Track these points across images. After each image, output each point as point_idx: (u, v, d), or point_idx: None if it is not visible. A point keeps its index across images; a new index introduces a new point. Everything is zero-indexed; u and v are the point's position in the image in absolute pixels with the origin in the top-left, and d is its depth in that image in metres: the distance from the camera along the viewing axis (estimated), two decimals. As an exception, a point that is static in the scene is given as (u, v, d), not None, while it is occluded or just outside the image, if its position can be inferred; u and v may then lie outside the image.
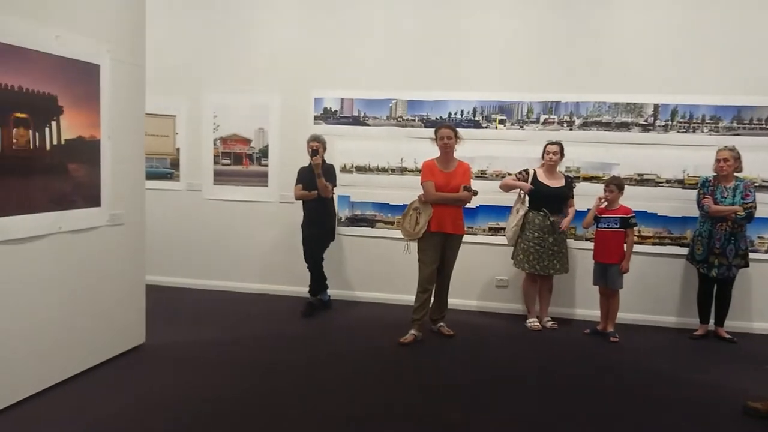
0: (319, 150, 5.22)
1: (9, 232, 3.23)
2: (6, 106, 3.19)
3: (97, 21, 3.83)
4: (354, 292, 6.03)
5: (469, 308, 5.79)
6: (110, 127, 3.95)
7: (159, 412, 3.38)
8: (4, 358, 3.26)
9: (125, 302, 4.25)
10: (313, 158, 5.19)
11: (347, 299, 5.94)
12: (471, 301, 5.82)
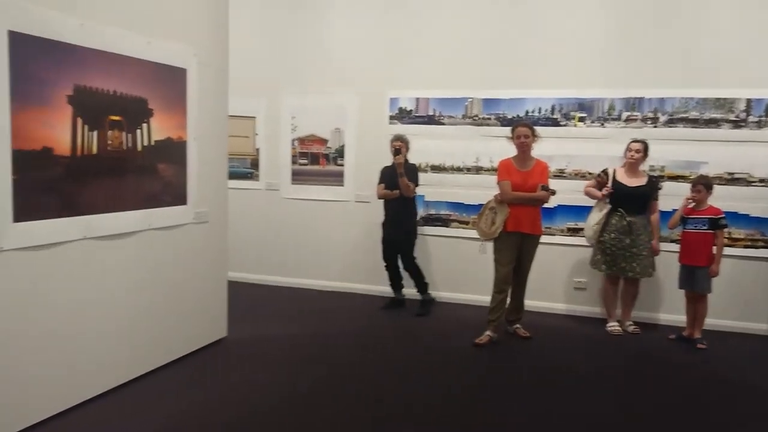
0: (402, 149, 5.25)
1: (105, 228, 3.42)
2: (102, 109, 3.38)
3: (184, 27, 4.00)
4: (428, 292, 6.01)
5: (547, 310, 5.66)
6: (196, 128, 4.12)
7: (238, 404, 3.49)
8: (96, 348, 3.45)
9: (209, 297, 4.41)
10: (395, 157, 5.24)
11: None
12: (548, 303, 5.69)
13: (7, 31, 2.80)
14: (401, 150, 5.26)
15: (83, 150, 3.26)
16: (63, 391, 3.25)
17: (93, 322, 3.41)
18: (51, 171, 3.09)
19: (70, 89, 3.16)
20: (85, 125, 3.26)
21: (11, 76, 2.83)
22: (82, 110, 3.23)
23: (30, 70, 2.94)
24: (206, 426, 3.21)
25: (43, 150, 3.03)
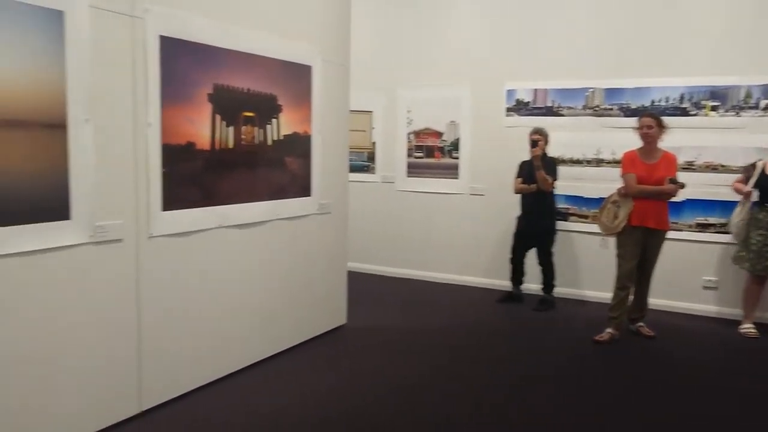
0: (540, 142, 5.17)
1: (238, 217, 3.66)
2: (237, 106, 3.61)
3: (310, 26, 4.17)
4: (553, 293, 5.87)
5: (672, 309, 5.38)
6: (320, 123, 4.29)
7: (356, 388, 3.62)
8: (229, 329, 3.70)
9: (330, 285, 4.60)
10: (532, 150, 5.17)
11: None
12: (674, 302, 5.41)
13: (159, 36, 3.07)
14: (538, 143, 5.17)
15: (220, 144, 3.51)
16: (201, 367, 3.52)
17: (226, 305, 3.66)
18: (193, 164, 3.35)
19: (210, 88, 3.40)
20: (223, 121, 3.51)
21: (162, 77, 3.10)
22: (220, 107, 3.47)
23: (177, 71, 3.19)
24: (326, 408, 3.37)
25: (187, 144, 3.29)
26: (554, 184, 5.28)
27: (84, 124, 2.74)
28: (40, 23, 2.53)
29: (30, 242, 2.57)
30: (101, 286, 2.91)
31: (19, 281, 2.56)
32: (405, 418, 3.27)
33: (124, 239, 2.99)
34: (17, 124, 2.47)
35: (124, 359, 3.06)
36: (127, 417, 3.09)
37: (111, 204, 2.92)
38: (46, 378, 2.70)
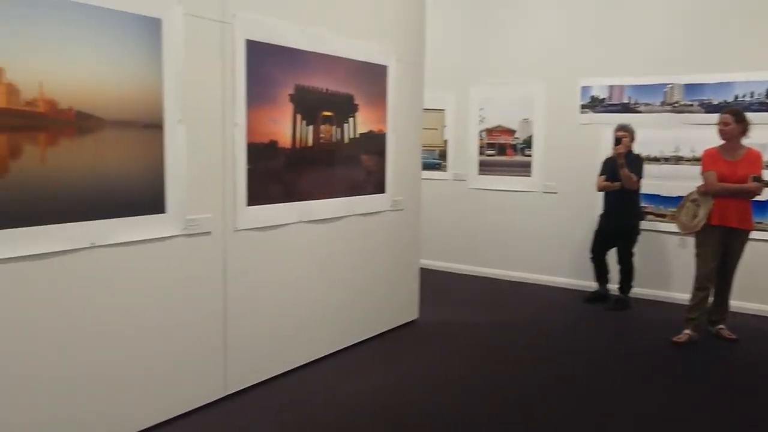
0: (624, 139, 5.07)
1: (316, 213, 3.81)
2: (317, 105, 3.76)
3: (385, 27, 4.28)
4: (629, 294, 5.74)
5: (756, 312, 5.19)
6: (394, 121, 4.39)
7: (427, 383, 3.70)
8: (305, 320, 3.86)
9: (403, 280, 4.69)
10: (615, 147, 5.08)
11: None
12: (758, 304, 5.22)
13: (245, 40, 3.24)
14: (622, 140, 5.06)
15: (301, 142, 3.66)
16: (281, 354, 3.69)
17: (305, 296, 3.81)
18: (275, 161, 3.52)
19: (291, 88, 3.56)
20: (303, 120, 3.66)
21: (247, 79, 3.28)
22: (300, 107, 3.63)
23: (261, 73, 3.36)
24: (396, 399, 3.47)
25: (270, 143, 3.46)
26: (639, 183, 5.17)
27: (178, 125, 2.94)
28: (140, 31, 2.74)
29: (133, 233, 2.79)
30: (192, 275, 3.11)
31: (121, 268, 2.78)
32: (471, 413, 3.33)
33: (212, 232, 3.18)
34: (123, 125, 2.70)
35: (212, 344, 3.25)
36: (213, 400, 3.29)
37: (201, 199, 3.11)
38: (140, 358, 2.91)
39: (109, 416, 2.79)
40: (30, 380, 2.50)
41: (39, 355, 2.52)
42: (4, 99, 2.32)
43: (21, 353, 2.46)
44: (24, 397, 2.49)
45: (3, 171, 2.34)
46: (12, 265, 2.39)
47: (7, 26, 2.30)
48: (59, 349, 2.58)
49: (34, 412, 2.52)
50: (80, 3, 2.51)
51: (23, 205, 2.40)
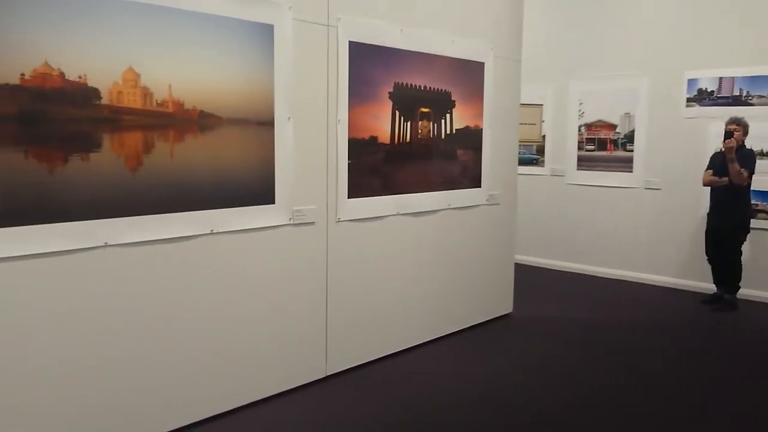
0: (735, 132, 4.86)
1: (413, 206, 3.95)
2: (415, 102, 3.90)
3: (483, 24, 4.35)
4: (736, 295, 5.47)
5: None
6: (491, 117, 4.46)
7: (519, 375, 3.75)
8: (400, 308, 4.01)
9: (497, 274, 4.75)
10: (725, 141, 4.88)
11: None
12: None
13: (348, 41, 3.43)
14: (734, 133, 4.85)
15: (399, 138, 3.82)
16: (378, 340, 3.87)
17: (401, 286, 3.97)
18: (375, 156, 3.69)
19: (391, 86, 3.72)
20: (401, 117, 3.81)
21: (350, 78, 3.47)
22: (399, 104, 3.78)
23: (363, 72, 3.55)
24: (494, 388, 3.55)
25: (370, 139, 3.64)
26: (749, 178, 4.93)
27: (287, 122, 3.17)
28: (255, 37, 2.99)
29: (246, 221, 3.06)
30: (297, 262, 3.34)
31: (236, 253, 3.05)
32: (564, 405, 3.36)
33: (316, 222, 3.41)
34: (238, 123, 2.96)
35: (314, 326, 3.48)
36: (314, 379, 3.51)
37: (306, 191, 3.34)
38: (250, 337, 3.18)
39: (221, 389, 3.08)
40: (150, 354, 2.81)
41: (154, 330, 2.83)
42: (139, 101, 2.62)
43: (144, 327, 2.78)
44: (147, 372, 2.80)
45: (138, 165, 2.64)
46: (145, 247, 2.70)
47: (142, 37, 2.60)
48: (178, 325, 2.88)
49: (155, 385, 2.83)
50: (203, 13, 2.79)
51: (153, 195, 2.70)
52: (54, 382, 2.49)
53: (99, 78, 2.49)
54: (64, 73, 2.40)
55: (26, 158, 2.33)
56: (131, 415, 2.74)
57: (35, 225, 2.37)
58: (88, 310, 2.57)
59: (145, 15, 2.60)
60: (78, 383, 2.56)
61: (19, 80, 2.29)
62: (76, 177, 2.47)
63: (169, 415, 2.88)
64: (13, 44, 2.26)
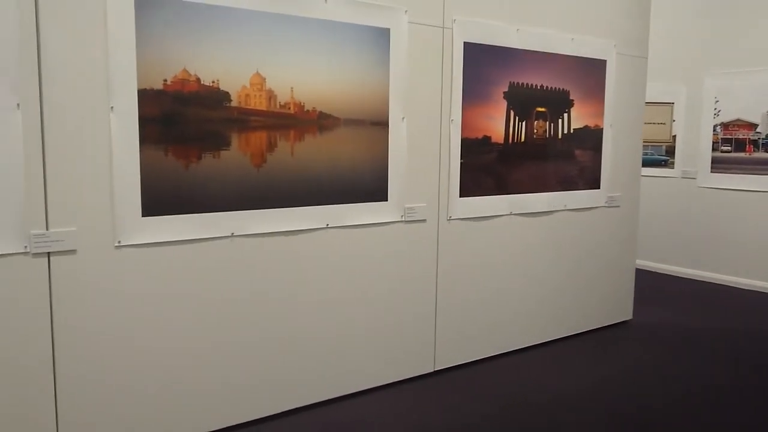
0: None
1: (527, 206, 3.92)
2: (530, 102, 3.86)
3: (606, 21, 4.22)
4: None
5: None
6: (612, 116, 4.31)
7: (630, 383, 3.60)
8: (511, 309, 3.99)
9: (615, 279, 4.58)
10: None
11: None
12: None
13: (463, 42, 3.48)
14: None
15: (514, 138, 3.80)
16: (487, 339, 3.88)
17: (512, 286, 3.95)
18: (488, 156, 3.71)
19: (506, 86, 3.72)
20: (516, 116, 3.80)
21: (464, 79, 3.51)
22: (514, 104, 3.77)
23: (477, 73, 3.58)
24: (608, 395, 3.44)
25: (482, 138, 3.67)
26: None
27: (401, 122, 3.28)
28: (371, 40, 3.12)
29: (360, 217, 3.20)
30: (408, 258, 3.44)
31: (350, 247, 3.21)
32: (676, 419, 3.19)
33: (427, 220, 3.48)
34: (354, 123, 3.11)
35: (423, 322, 3.56)
36: (421, 373, 3.59)
37: (418, 189, 3.43)
38: (360, 327, 3.32)
39: (331, 376, 3.24)
40: (266, 338, 3.02)
41: (274, 316, 3.03)
42: (265, 103, 2.83)
43: (264, 313, 2.99)
44: (263, 356, 3.01)
45: (262, 162, 2.86)
46: (266, 239, 2.92)
47: (268, 44, 2.81)
48: (293, 313, 3.08)
49: (271, 368, 3.04)
50: (324, 20, 2.96)
51: (275, 191, 2.91)
52: (181, 361, 2.76)
53: (230, 82, 2.73)
54: (200, 78, 2.66)
55: (166, 155, 2.61)
56: (249, 395, 2.97)
57: (171, 215, 2.64)
58: (216, 295, 2.82)
59: (271, 23, 2.81)
60: (203, 363, 2.82)
61: (162, 85, 2.57)
62: (208, 173, 2.72)
63: (282, 397, 3.09)
64: (158, 53, 2.54)
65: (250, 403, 2.98)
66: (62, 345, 2.45)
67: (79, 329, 2.49)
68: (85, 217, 2.46)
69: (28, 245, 2.34)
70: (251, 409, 2.99)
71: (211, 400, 2.86)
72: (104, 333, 2.55)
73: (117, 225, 2.52)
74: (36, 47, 2.31)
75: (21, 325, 2.37)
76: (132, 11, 2.47)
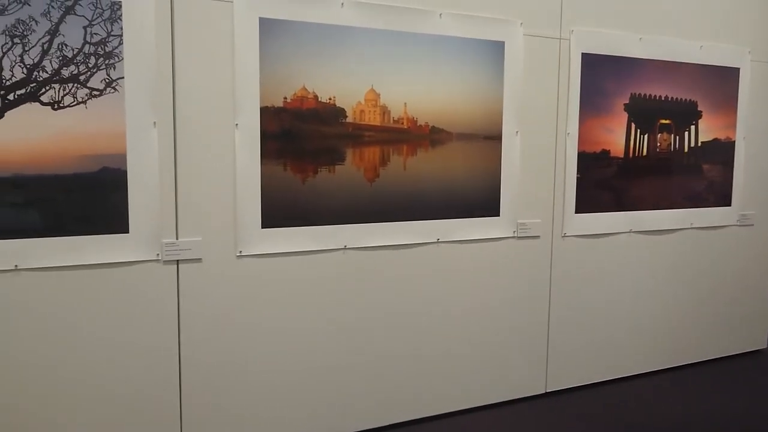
0: None
1: (648, 223, 3.72)
2: (653, 114, 3.67)
3: (739, 26, 3.93)
4: None
5: None
6: (746, 128, 4.00)
7: (761, 416, 3.30)
8: (627, 332, 3.79)
9: (747, 303, 4.22)
10: None
11: None
12: None
13: (581, 53, 3.37)
14: None
15: (635, 152, 3.62)
16: (602, 362, 3.70)
17: (629, 308, 3.75)
18: (606, 170, 3.55)
19: (626, 98, 3.56)
20: (638, 129, 3.62)
21: (581, 91, 3.40)
22: (635, 116, 3.60)
23: (596, 84, 3.45)
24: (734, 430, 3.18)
25: (601, 152, 3.52)
26: None
27: (514, 136, 3.22)
28: (485, 54, 3.10)
29: (471, 232, 3.17)
30: (520, 275, 3.36)
31: (460, 263, 3.18)
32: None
33: (540, 236, 3.39)
34: (466, 137, 3.09)
35: (536, 341, 3.46)
36: (532, 394, 3.49)
37: (531, 205, 3.34)
38: (469, 344, 3.27)
39: (439, 392, 3.22)
40: (375, 350, 3.05)
41: (383, 328, 3.05)
42: (379, 118, 2.89)
43: (373, 325, 3.02)
44: (374, 366, 3.04)
45: (375, 176, 2.91)
46: (378, 252, 2.96)
47: (383, 60, 2.86)
48: (402, 326, 3.09)
49: (379, 380, 3.06)
50: (437, 35, 2.97)
51: (387, 205, 2.95)
52: (292, 366, 2.86)
53: (345, 99, 2.81)
54: (318, 95, 2.75)
55: (285, 170, 2.71)
56: (354, 405, 3.01)
57: (288, 227, 2.75)
58: (328, 305, 2.89)
59: (385, 40, 2.86)
60: (312, 369, 2.90)
61: (282, 103, 2.68)
62: (323, 187, 2.80)
63: (388, 410, 3.11)
64: (279, 73, 2.66)
65: (354, 414, 3.02)
66: (187, 341, 2.62)
67: (202, 328, 2.64)
68: (210, 228, 2.61)
69: (160, 253, 2.51)
70: (355, 421, 3.03)
71: (315, 407, 2.93)
72: (224, 334, 2.69)
73: (239, 236, 2.65)
74: (171, 70, 2.49)
75: (152, 322, 2.56)
76: (257, 35, 2.60)
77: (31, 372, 2.39)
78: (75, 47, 2.32)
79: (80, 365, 2.46)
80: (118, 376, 2.52)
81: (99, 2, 2.35)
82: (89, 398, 2.48)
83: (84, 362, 2.46)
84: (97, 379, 2.49)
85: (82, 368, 2.46)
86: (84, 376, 2.47)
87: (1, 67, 2.23)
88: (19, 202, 2.29)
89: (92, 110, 2.37)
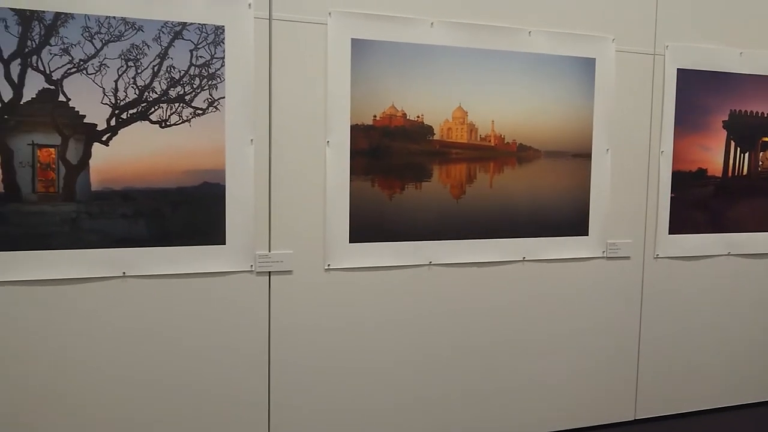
0: None
1: (750, 246, 3.52)
2: (756, 131, 3.49)
3: None
4: None
5: None
6: None
7: None
8: (724, 359, 3.59)
9: None
10: None
11: None
12: None
13: (676, 69, 3.27)
14: None
15: (734, 171, 3.46)
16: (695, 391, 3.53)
17: (732, 335, 3.56)
18: (702, 190, 3.41)
19: (725, 114, 3.41)
20: (738, 147, 3.45)
21: (677, 107, 3.29)
22: (734, 133, 3.44)
23: (692, 101, 3.32)
24: None
25: (697, 171, 3.38)
26: None
27: (605, 154, 3.15)
28: (575, 72, 3.06)
29: (558, 251, 3.12)
30: (609, 297, 3.26)
31: (546, 282, 3.13)
32: None
33: (631, 257, 3.28)
34: (554, 155, 3.05)
35: (625, 366, 3.34)
36: (621, 421, 3.36)
37: (622, 224, 3.25)
38: (555, 365, 3.21)
39: (522, 415, 3.17)
40: (453, 370, 3.04)
41: (467, 347, 3.04)
42: (466, 136, 2.90)
43: (455, 343, 3.02)
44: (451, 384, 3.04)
45: (461, 193, 2.92)
46: (462, 269, 2.97)
47: (470, 78, 2.88)
48: (485, 344, 3.07)
49: (458, 397, 3.05)
50: (526, 53, 2.96)
51: (473, 222, 2.95)
52: (374, 376, 2.90)
53: (433, 116, 2.84)
54: (406, 113, 2.80)
55: (372, 186, 2.77)
56: (433, 420, 3.01)
57: (375, 242, 2.80)
58: (413, 320, 2.92)
59: (474, 58, 2.88)
60: (394, 381, 2.92)
61: (372, 121, 2.75)
62: (410, 203, 2.84)
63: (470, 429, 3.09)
64: (369, 91, 2.73)
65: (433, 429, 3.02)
66: (276, 348, 2.72)
67: (291, 337, 2.74)
68: (301, 241, 2.70)
69: (254, 264, 2.63)
70: None
71: (394, 418, 2.95)
72: (312, 342, 2.77)
73: (327, 249, 2.73)
74: (268, 90, 2.61)
75: (245, 329, 2.67)
76: (349, 55, 2.69)
77: (136, 370, 2.55)
78: (182, 69, 2.48)
79: (179, 366, 2.60)
80: (212, 377, 2.64)
81: (204, 27, 2.50)
82: (186, 396, 2.62)
83: (182, 363, 2.60)
84: (194, 380, 2.63)
85: (181, 369, 2.60)
86: (182, 376, 2.61)
87: (117, 89, 2.42)
88: (129, 213, 2.46)
89: (195, 128, 2.52)
